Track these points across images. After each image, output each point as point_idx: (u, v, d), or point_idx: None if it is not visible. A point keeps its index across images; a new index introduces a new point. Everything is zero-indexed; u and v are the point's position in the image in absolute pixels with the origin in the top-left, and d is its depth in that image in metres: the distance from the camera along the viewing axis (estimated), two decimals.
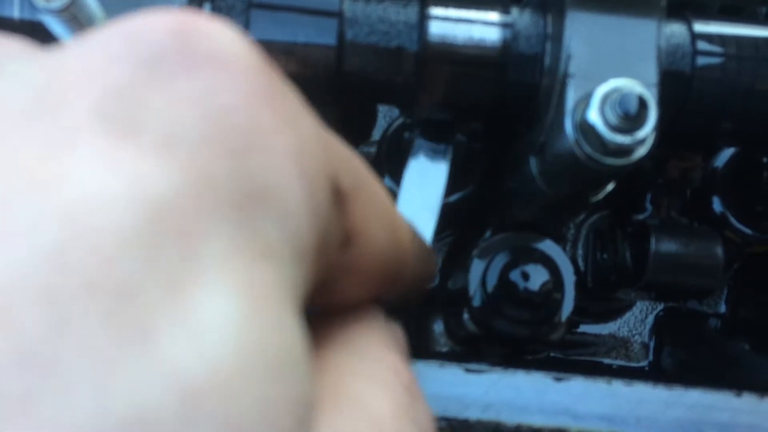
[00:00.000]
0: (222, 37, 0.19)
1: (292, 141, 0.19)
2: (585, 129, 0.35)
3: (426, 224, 0.43)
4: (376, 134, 0.57)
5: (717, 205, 0.54)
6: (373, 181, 0.25)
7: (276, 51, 0.39)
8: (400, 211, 0.29)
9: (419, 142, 0.44)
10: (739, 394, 0.40)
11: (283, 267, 0.18)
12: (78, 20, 0.37)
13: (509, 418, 0.39)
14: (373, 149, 0.53)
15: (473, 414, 0.39)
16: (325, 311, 0.26)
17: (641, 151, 0.35)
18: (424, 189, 0.44)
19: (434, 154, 0.44)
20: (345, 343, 0.25)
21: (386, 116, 0.59)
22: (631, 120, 0.34)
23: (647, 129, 0.34)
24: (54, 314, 0.15)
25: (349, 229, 0.23)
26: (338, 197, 0.22)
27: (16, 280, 0.15)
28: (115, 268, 0.15)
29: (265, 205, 0.18)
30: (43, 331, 0.14)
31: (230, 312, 0.16)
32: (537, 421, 0.39)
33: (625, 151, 0.35)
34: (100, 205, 0.16)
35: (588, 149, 0.35)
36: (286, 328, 0.18)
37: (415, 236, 0.30)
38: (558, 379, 0.40)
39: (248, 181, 0.18)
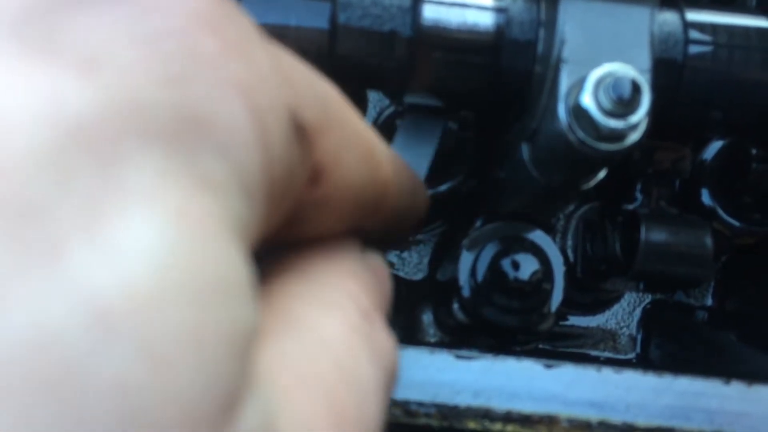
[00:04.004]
0: None
1: (240, 72, 0.18)
2: (578, 113, 0.35)
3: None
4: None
5: (706, 197, 0.55)
6: (346, 111, 0.24)
7: (268, 34, 0.38)
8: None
9: (407, 121, 0.44)
10: (727, 382, 0.40)
11: (226, 199, 0.17)
12: None
13: (499, 405, 0.39)
14: None
15: (463, 400, 0.39)
16: (296, 242, 0.25)
17: (634, 137, 0.35)
18: (413, 150, 0.44)
19: (422, 133, 0.44)
20: (304, 271, 0.24)
21: (376, 106, 0.59)
22: (625, 104, 0.34)
23: (640, 114, 0.34)
24: None
25: (318, 164, 0.22)
26: (302, 132, 0.21)
27: None
28: (23, 187, 0.14)
29: (204, 136, 0.17)
30: None
31: (154, 236, 0.15)
32: (527, 407, 0.39)
33: (618, 136, 0.35)
34: (8, 120, 0.15)
35: (581, 134, 0.35)
36: (223, 257, 0.17)
37: (400, 167, 0.29)
38: (548, 366, 0.40)
39: (184, 111, 0.17)
